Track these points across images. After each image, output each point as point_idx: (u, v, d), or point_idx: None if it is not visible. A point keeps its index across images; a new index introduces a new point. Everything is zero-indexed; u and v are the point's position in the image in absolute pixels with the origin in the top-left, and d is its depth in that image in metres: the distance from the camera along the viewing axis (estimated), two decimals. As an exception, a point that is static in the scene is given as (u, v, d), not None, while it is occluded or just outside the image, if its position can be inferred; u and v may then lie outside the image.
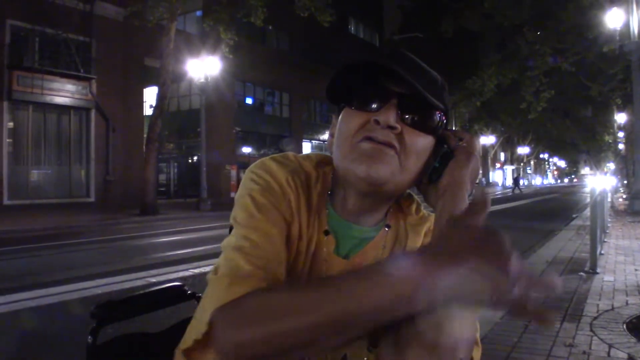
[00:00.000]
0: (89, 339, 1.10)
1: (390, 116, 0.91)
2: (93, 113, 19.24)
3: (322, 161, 1.06)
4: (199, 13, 19.48)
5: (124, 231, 12.62)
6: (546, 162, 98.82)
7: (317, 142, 33.02)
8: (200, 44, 19.53)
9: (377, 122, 0.91)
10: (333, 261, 1.00)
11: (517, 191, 41.31)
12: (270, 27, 19.06)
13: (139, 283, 6.30)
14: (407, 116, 0.93)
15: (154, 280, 6.55)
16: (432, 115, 0.95)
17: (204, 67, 19.56)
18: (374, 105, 0.93)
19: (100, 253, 9.57)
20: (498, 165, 71.04)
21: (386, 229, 1.04)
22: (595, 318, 4.39)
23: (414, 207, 1.09)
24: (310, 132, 33.40)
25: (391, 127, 0.91)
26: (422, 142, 0.94)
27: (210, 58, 19.33)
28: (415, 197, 1.10)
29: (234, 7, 17.42)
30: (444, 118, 0.97)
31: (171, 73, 17.65)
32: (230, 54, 18.72)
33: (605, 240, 9.28)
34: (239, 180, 25.72)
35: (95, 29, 18.63)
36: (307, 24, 20.52)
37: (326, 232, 1.00)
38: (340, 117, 0.97)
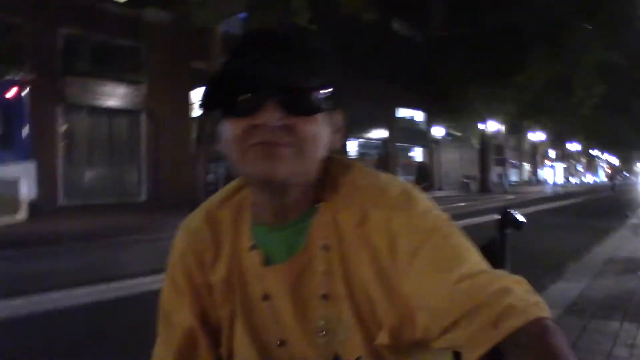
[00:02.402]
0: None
1: (271, 116, 0.86)
2: (143, 115, 19.71)
3: (237, 187, 1.05)
4: (242, 15, 19.64)
5: (173, 229, 12.82)
6: (598, 160, 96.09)
7: (363, 140, 32.96)
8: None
9: (259, 125, 0.87)
10: (267, 272, 0.97)
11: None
12: (314, 27, 19.02)
13: None
14: (289, 107, 0.87)
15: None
16: (313, 94, 0.89)
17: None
18: (251, 108, 0.87)
19: (155, 250, 9.75)
20: (548, 162, 69.46)
21: (317, 205, 0.96)
22: (657, 318, 4.24)
23: (340, 169, 0.99)
24: (356, 130, 33.37)
25: (278, 127, 0.87)
26: (315, 127, 0.90)
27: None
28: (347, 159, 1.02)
29: (279, 7, 17.51)
30: (328, 89, 0.91)
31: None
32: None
33: (664, 238, 8.97)
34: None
35: (143, 33, 19.06)
36: (351, 23, 20.47)
37: (251, 248, 0.99)
38: (221, 125, 0.93)
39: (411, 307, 0.85)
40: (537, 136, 53.04)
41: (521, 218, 1.24)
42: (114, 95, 18.87)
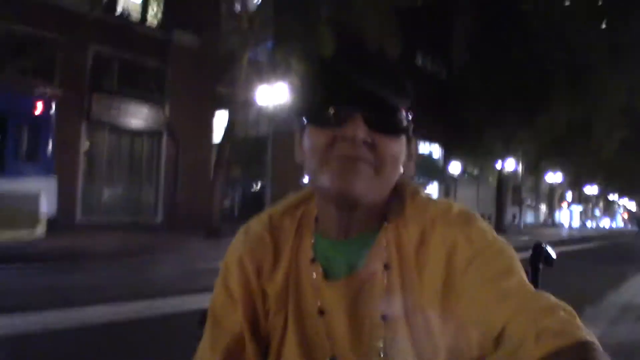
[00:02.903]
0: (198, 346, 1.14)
1: (357, 130, 0.87)
2: (165, 136, 19.92)
3: (302, 198, 1.06)
4: (270, 44, 19.94)
5: (189, 252, 12.87)
6: (616, 204, 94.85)
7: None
8: (270, 72, 19.98)
9: (344, 138, 0.88)
10: (327, 287, 0.96)
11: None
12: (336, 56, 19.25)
13: (205, 304, 6.38)
14: (375, 124, 0.89)
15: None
16: (400, 114, 0.92)
17: (273, 95, 19.94)
18: (339, 120, 0.89)
19: (165, 273, 9.78)
20: (565, 205, 68.77)
21: (386, 223, 0.97)
22: (675, 368, 4.18)
23: (409, 192, 1.00)
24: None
25: (362, 141, 0.88)
26: (396, 147, 0.92)
27: (279, 85, 19.71)
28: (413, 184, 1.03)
29: (304, 38, 17.76)
30: (411, 113, 0.93)
31: (242, 100, 18.11)
32: (299, 82, 19.07)
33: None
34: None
35: (171, 55, 19.38)
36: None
37: (312, 260, 0.98)
38: (305, 133, 0.94)
39: (466, 323, 0.85)
40: (555, 177, 52.67)
41: (553, 254, 1.26)
42: (138, 115, 19.11)
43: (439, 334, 0.90)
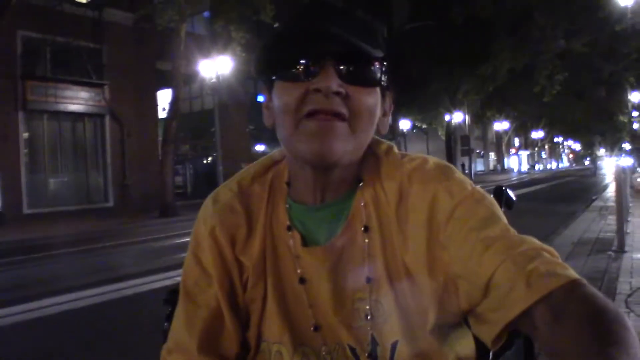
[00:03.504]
0: (165, 325, 1.11)
1: (331, 81, 0.82)
2: (107, 119, 19.38)
3: (270, 162, 1.02)
4: (207, 14, 19.48)
5: (145, 234, 12.70)
6: (561, 146, 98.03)
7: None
8: (210, 44, 19.58)
9: (318, 90, 0.83)
10: (305, 254, 0.93)
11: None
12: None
13: (167, 282, 6.35)
14: (348, 75, 0.84)
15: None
16: (374, 65, 0.87)
17: (215, 67, 19.60)
18: (310, 72, 0.84)
19: (124, 256, 9.65)
20: (513, 151, 70.60)
21: (361, 184, 0.94)
22: (629, 295, 4.35)
23: (383, 150, 0.97)
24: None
25: (335, 93, 0.83)
26: (371, 99, 0.87)
27: (221, 58, 19.36)
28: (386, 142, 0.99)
29: (242, 5, 17.42)
30: (384, 64, 0.88)
31: (183, 75, 17.73)
32: (241, 52, 18.77)
33: (629, 219, 9.18)
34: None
35: (105, 35, 18.72)
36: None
37: (289, 228, 0.95)
38: (274, 92, 0.89)
39: (452, 275, 0.83)
40: (501, 125, 53.87)
41: (513, 196, 1.24)
42: (77, 99, 18.47)
43: (425, 291, 0.87)
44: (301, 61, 0.84)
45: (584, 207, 12.90)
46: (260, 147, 29.72)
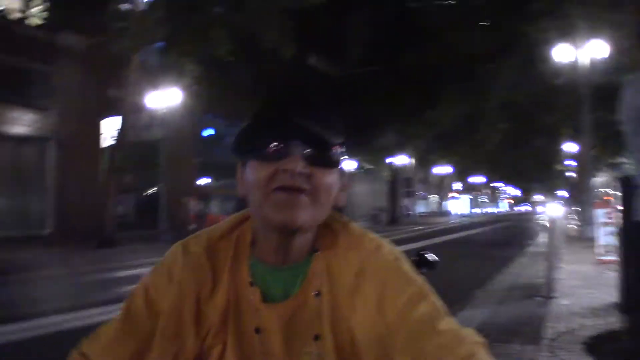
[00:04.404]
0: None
1: (297, 163, 0.99)
2: (51, 143, 18.94)
3: (236, 222, 1.16)
4: (161, 44, 19.49)
5: (81, 265, 12.34)
6: (500, 191, 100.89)
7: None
8: (162, 75, 19.55)
9: (285, 170, 0.99)
10: (264, 309, 1.06)
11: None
12: (233, 59, 19.17)
13: (88, 322, 5.98)
14: (311, 158, 1.01)
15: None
16: (334, 150, 1.04)
17: (165, 98, 19.57)
18: (280, 155, 1.00)
19: (57, 288, 9.26)
20: (455, 194, 72.20)
21: (316, 253, 1.09)
22: (554, 340, 4.60)
23: (340, 225, 1.13)
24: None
25: (300, 173, 0.99)
26: (330, 178, 1.04)
27: (171, 89, 19.37)
28: (344, 218, 1.16)
29: (198, 39, 17.52)
30: (343, 149, 1.07)
31: (132, 104, 17.63)
32: (192, 85, 18.83)
33: (560, 265, 9.60)
34: (198, 211, 25.62)
35: (56, 58, 18.45)
36: (269, 56, 20.77)
37: (251, 284, 1.08)
38: (248, 169, 1.05)
39: (389, 348, 0.99)
40: (444, 169, 55.20)
41: (435, 258, 1.42)
42: (21, 121, 18.03)
43: (365, 352, 1.02)
44: (272, 145, 1.01)
45: (519, 252, 13.37)
46: (205, 180, 29.57)
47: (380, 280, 1.05)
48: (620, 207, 4.69)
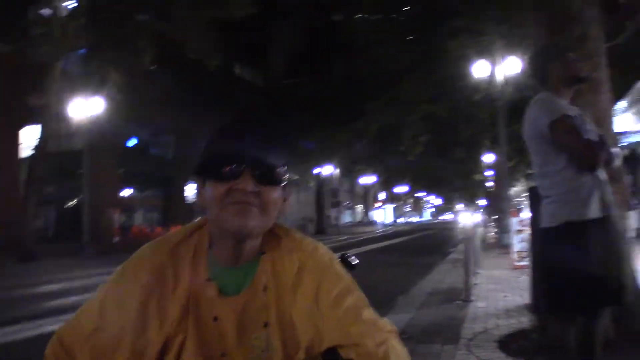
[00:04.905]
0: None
1: (248, 183, 1.19)
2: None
3: (193, 229, 1.35)
4: (83, 51, 19.02)
5: (2, 279, 11.88)
6: (424, 201, 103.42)
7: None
8: (84, 83, 19.07)
9: (237, 189, 1.20)
10: (220, 301, 1.27)
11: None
12: (157, 68, 18.97)
13: (20, 336, 5.79)
14: (260, 178, 1.21)
15: (37, 332, 6.26)
16: (279, 170, 1.25)
17: (87, 107, 19.09)
18: (233, 175, 1.20)
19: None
20: (379, 204, 73.55)
21: (263, 255, 1.31)
22: (471, 339, 4.90)
23: (282, 231, 1.36)
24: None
25: (251, 192, 1.20)
26: (276, 194, 1.25)
27: (94, 97, 18.93)
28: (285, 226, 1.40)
29: (121, 47, 17.23)
30: (286, 168, 1.27)
31: (53, 112, 17.11)
32: (116, 93, 18.47)
33: (478, 271, 10.08)
34: (121, 223, 24.98)
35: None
36: (195, 66, 20.68)
37: (209, 280, 1.28)
38: (207, 186, 1.23)
39: (322, 331, 1.26)
40: (369, 179, 56.17)
41: (355, 260, 1.62)
42: None
43: (301, 336, 1.27)
44: (226, 169, 1.21)
45: (441, 259, 13.86)
46: (128, 192, 28.94)
47: (316, 277, 1.29)
48: (529, 215, 5.06)
